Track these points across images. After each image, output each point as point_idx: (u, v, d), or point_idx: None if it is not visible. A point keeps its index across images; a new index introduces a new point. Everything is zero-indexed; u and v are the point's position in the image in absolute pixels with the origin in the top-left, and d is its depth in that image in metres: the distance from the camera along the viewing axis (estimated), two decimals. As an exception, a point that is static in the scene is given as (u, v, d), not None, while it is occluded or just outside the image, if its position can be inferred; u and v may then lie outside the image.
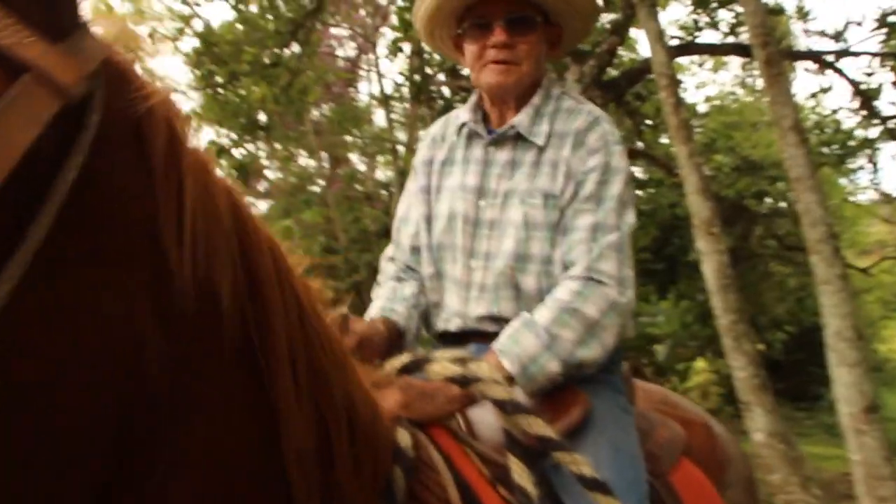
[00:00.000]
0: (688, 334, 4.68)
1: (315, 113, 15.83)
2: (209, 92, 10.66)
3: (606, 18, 8.55)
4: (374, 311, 1.86)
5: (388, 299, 1.88)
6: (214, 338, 0.87)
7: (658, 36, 5.55)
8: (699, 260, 5.17)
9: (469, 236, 1.82)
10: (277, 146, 16.30)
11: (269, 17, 9.85)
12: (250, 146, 14.50)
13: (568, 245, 1.70)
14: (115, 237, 0.77)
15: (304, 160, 17.75)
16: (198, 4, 10.12)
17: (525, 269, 1.75)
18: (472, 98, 1.95)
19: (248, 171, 11.76)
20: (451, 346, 1.82)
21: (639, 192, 10.92)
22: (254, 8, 10.24)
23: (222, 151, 11.44)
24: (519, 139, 1.83)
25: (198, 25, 9.81)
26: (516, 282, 1.76)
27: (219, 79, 10.34)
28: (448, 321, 1.86)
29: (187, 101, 11.60)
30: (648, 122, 9.48)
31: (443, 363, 1.45)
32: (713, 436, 2.06)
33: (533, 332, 1.58)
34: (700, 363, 9.62)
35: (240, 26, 10.32)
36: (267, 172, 17.86)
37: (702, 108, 13.16)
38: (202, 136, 11.81)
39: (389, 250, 2.04)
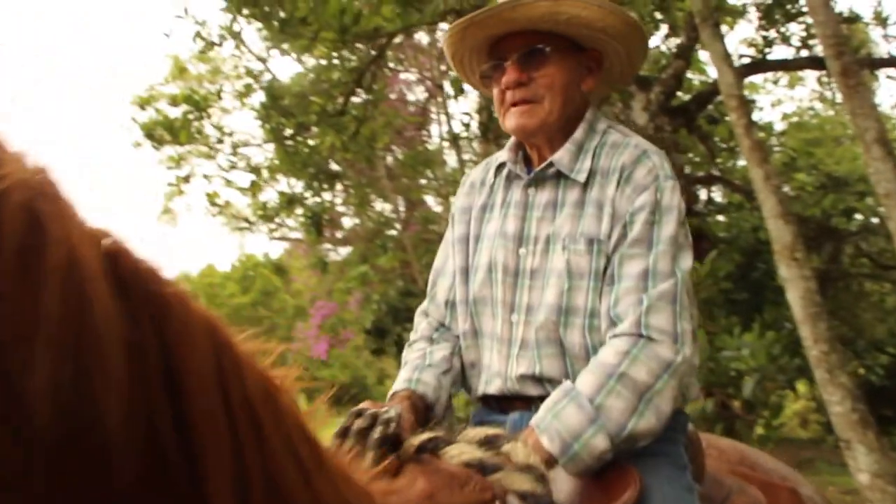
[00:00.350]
0: (776, 367, 4.38)
1: (388, 158, 15.95)
2: (279, 145, 10.81)
3: (672, 42, 8.33)
4: (400, 380, 1.71)
5: (416, 368, 1.71)
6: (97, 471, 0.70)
7: (724, 56, 5.32)
8: (784, 289, 4.85)
9: (509, 288, 1.66)
10: (352, 193, 16.46)
11: (334, 64, 9.94)
12: (326, 194, 14.68)
13: (615, 296, 1.52)
14: None
15: (380, 205, 17.88)
16: (263, 60, 10.32)
17: (569, 324, 1.58)
18: (513, 137, 1.79)
19: (321, 220, 11.87)
20: (492, 411, 1.68)
21: (720, 218, 10.54)
22: (318, 59, 10.37)
23: (294, 201, 11.61)
24: (560, 178, 1.67)
25: (265, 79, 9.96)
26: (560, 337, 1.59)
27: (288, 131, 10.51)
28: (488, 383, 1.69)
29: (261, 153, 11.80)
30: (723, 145, 9.15)
31: (463, 445, 1.29)
32: (802, 503, 1.81)
33: (576, 403, 1.41)
34: (798, 389, 9.13)
35: (306, 78, 10.45)
36: (345, 219, 18.05)
37: (779, 126, 12.71)
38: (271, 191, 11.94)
39: (424, 305, 1.89)
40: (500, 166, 1.80)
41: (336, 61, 9.81)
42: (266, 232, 16.34)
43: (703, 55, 10.89)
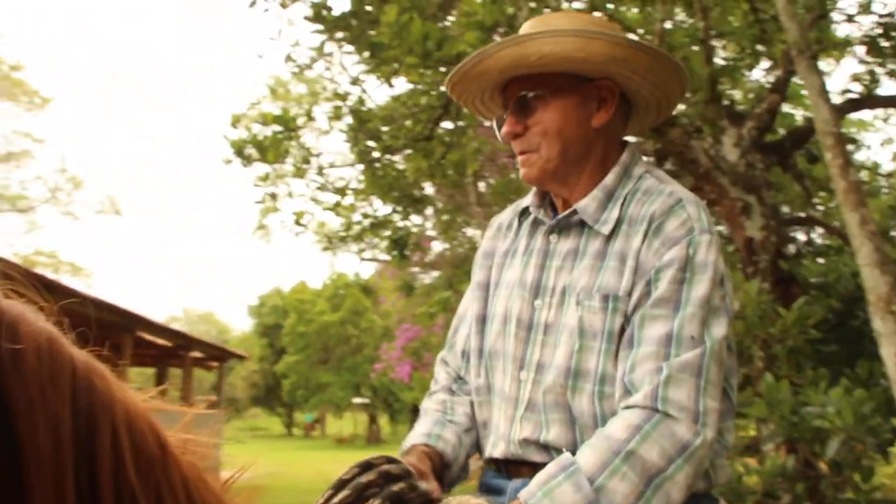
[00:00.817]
0: (865, 428, 4.01)
1: (480, 184, 15.95)
2: (367, 167, 10.88)
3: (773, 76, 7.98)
4: (418, 433, 1.56)
5: (437, 422, 1.58)
6: None
7: (820, 91, 5.01)
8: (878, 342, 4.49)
9: (521, 342, 1.51)
10: (441, 218, 16.50)
11: (421, 89, 9.96)
12: (416, 218, 14.76)
13: (632, 361, 1.34)
14: None
15: (471, 231, 17.88)
16: (357, 82, 10.42)
17: (578, 388, 1.41)
18: None
19: (405, 243, 11.89)
20: (498, 475, 1.53)
21: (820, 260, 10.01)
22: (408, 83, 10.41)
23: (379, 223, 11.66)
24: (584, 226, 1.52)
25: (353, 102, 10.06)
26: (567, 402, 1.42)
27: (375, 153, 10.57)
28: (495, 445, 1.54)
29: (351, 174, 11.91)
30: (822, 185, 8.68)
31: None
32: None
33: (573, 481, 1.23)
34: (892, 452, 8.50)
35: (397, 102, 10.51)
36: (435, 244, 18.15)
37: (889, 166, 12.03)
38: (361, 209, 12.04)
39: (443, 353, 1.76)
40: (526, 210, 1.67)
41: (423, 86, 9.80)
42: (356, 252, 16.54)
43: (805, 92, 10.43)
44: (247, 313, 51.55)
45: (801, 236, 9.85)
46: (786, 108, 8.82)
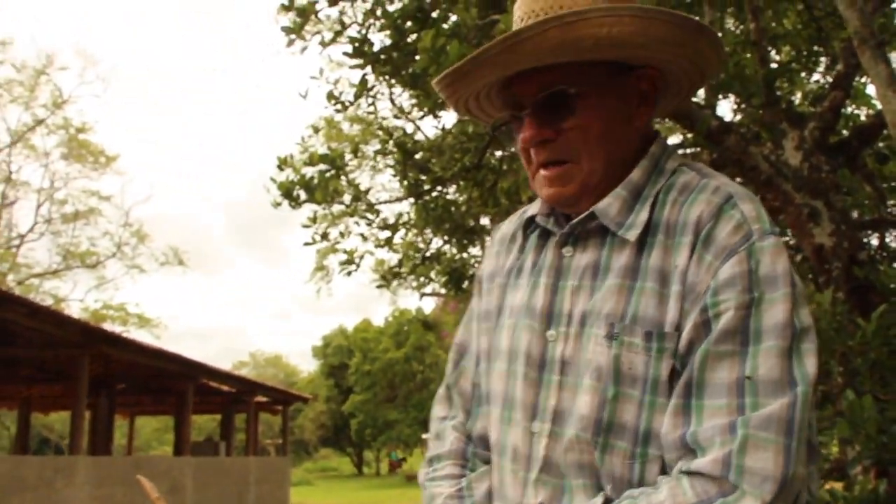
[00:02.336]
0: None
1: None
2: (416, 200, 10.77)
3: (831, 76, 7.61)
4: None
5: (456, 498, 1.28)
6: None
7: (889, 81, 4.67)
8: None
9: (532, 385, 1.20)
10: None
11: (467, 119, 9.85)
12: (473, 249, 14.58)
13: (696, 415, 1.04)
14: None
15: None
16: (403, 115, 10.35)
17: (609, 447, 1.10)
18: None
19: (461, 276, 11.70)
20: None
21: (895, 266, 9.49)
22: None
23: (431, 258, 11.50)
24: (606, 233, 1.20)
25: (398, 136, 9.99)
26: (595, 463, 1.11)
27: (425, 186, 10.45)
28: None
29: (401, 209, 11.84)
30: (894, 185, 8.21)
31: None
32: None
33: None
34: None
35: (445, 133, 10.41)
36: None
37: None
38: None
39: (443, 391, 1.44)
40: (532, 220, 1.35)
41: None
42: (414, 287, 16.43)
43: (870, 89, 9.99)
44: (311, 354, 51.79)
45: (874, 241, 9.35)
46: (849, 108, 8.41)
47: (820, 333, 5.10)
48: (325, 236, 10.53)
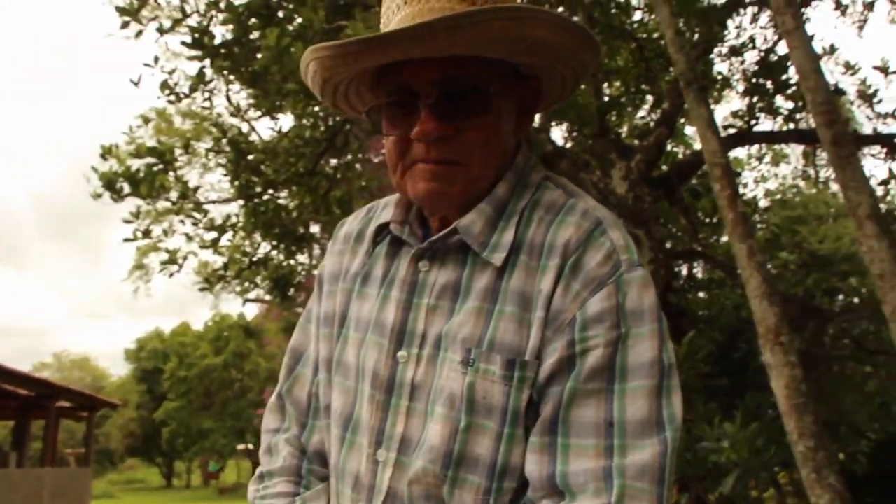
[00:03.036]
0: (760, 462, 3.92)
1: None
2: (247, 202, 10.43)
3: (658, 114, 8.11)
4: None
5: None
6: None
7: (708, 122, 5.01)
8: (768, 374, 4.44)
9: (378, 408, 1.10)
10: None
11: (305, 124, 9.65)
12: (301, 256, 14.28)
13: (561, 456, 0.98)
14: None
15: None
16: (238, 113, 10.01)
17: (460, 481, 1.02)
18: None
19: (287, 282, 11.44)
20: None
21: (700, 295, 10.20)
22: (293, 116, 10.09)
23: (256, 262, 11.18)
24: (468, 252, 1.10)
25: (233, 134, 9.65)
26: (443, 498, 1.03)
27: (256, 188, 10.15)
28: None
29: (230, 210, 11.44)
30: (706, 220, 8.86)
31: None
32: None
33: None
34: (779, 480, 8.65)
35: (280, 135, 10.16)
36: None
37: (763, 203, 12.52)
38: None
39: (276, 400, 1.30)
40: (384, 227, 1.23)
41: (307, 120, 9.50)
42: (238, 292, 15.90)
43: (688, 129, 10.73)
44: (123, 358, 48.99)
45: (684, 271, 10.03)
46: (668, 146, 8.99)
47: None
48: (147, 233, 10.01)
